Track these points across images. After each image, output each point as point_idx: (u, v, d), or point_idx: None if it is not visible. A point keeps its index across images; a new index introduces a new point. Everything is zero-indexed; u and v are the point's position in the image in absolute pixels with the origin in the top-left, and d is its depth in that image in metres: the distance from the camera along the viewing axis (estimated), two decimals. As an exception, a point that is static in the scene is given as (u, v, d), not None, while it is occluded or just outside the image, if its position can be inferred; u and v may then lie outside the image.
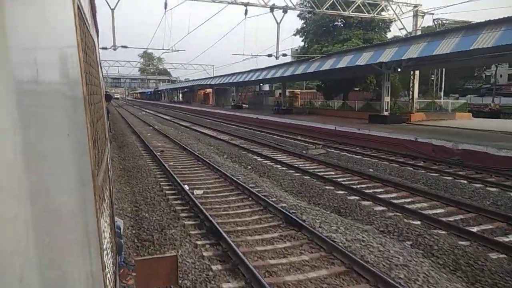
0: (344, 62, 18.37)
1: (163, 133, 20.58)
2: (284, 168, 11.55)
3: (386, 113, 19.48)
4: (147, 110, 50.52)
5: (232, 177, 9.71)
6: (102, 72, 8.94)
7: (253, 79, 30.61)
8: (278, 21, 18.89)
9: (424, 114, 22.44)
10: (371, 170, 11.41)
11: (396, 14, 20.56)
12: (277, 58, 19.82)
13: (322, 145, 15.05)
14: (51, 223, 0.64)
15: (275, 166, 11.92)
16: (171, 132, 21.68)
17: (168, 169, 10.75)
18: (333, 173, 11.05)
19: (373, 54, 16.63)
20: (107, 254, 1.70)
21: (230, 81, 36.24)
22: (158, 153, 13.85)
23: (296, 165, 11.78)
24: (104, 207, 1.80)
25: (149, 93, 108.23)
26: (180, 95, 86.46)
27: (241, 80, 33.28)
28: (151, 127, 24.98)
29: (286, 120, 24.72)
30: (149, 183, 9.59)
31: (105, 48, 18.68)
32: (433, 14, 21.20)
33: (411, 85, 22.41)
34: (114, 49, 18.93)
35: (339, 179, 10.08)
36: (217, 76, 43.83)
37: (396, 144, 14.61)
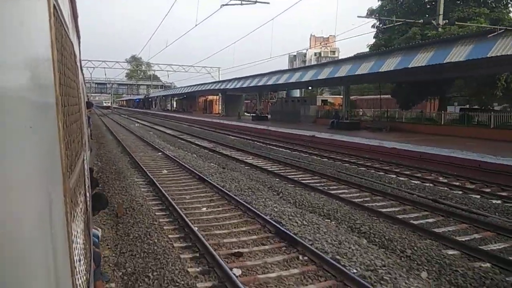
0: None
1: (190, 169, 11.34)
2: None
3: None
4: (140, 121, 40.58)
5: None
6: (83, 78, 8.31)
7: (304, 79, 21.36)
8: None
9: None
10: None
11: None
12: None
13: None
14: (4, 218, 0.61)
15: None
16: (200, 165, 12.35)
17: None
18: None
19: None
20: (80, 260, 1.59)
21: (259, 83, 26.73)
22: (239, 276, 4.69)
23: None
24: (77, 211, 1.66)
25: (137, 100, 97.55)
26: (174, 103, 76.79)
27: (280, 82, 23.93)
28: (159, 152, 15.66)
29: (374, 141, 15.81)
30: None
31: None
32: None
33: None
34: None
35: None
36: (235, 79, 33.96)
37: None
